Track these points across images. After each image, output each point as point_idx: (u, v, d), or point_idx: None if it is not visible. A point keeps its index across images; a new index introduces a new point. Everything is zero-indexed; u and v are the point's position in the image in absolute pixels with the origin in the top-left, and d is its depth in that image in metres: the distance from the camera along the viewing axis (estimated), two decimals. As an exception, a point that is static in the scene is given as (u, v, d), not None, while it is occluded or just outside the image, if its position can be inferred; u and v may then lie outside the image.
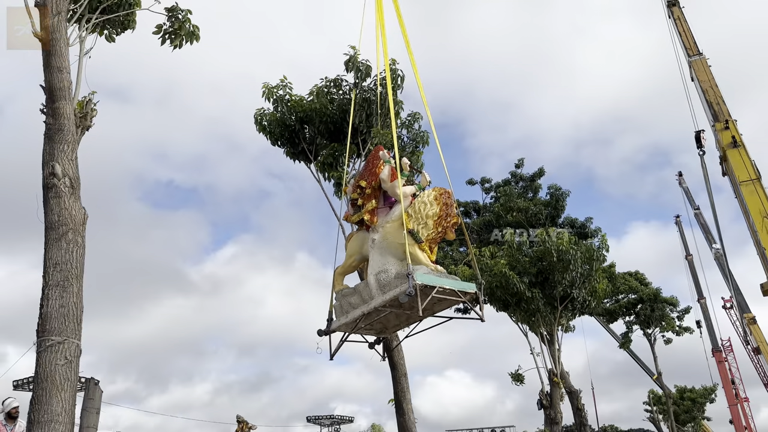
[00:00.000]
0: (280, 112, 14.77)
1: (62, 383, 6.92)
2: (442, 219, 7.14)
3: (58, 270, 7.43)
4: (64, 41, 8.35)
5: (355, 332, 8.15)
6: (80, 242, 7.77)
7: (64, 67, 8.30)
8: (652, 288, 37.35)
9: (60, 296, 7.30)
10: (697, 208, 42.62)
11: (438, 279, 6.86)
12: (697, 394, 48.47)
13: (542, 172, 27.62)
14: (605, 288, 20.83)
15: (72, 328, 7.24)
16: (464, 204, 29.47)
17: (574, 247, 19.13)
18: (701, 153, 27.85)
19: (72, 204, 7.86)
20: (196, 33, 10.30)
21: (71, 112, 8.32)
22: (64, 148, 8.10)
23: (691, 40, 29.61)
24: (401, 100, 14.09)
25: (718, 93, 26.27)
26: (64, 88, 8.26)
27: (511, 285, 19.10)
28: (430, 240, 7.18)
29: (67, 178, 7.94)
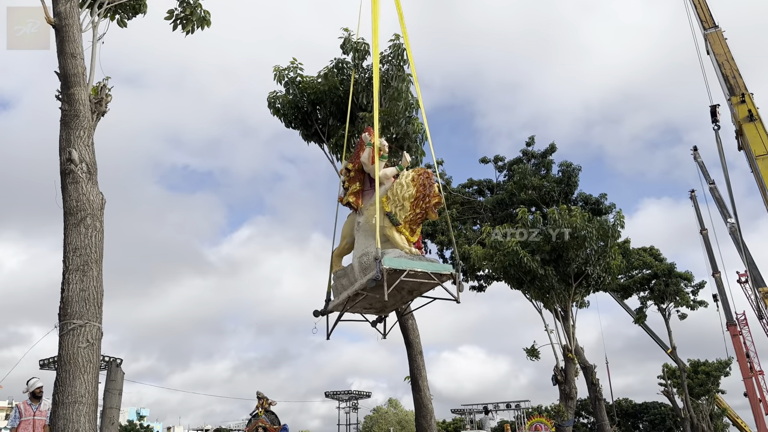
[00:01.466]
0: (292, 95, 14.75)
1: (85, 365, 7.07)
2: (420, 200, 7.08)
3: (78, 255, 7.55)
4: (77, 27, 8.38)
5: (354, 312, 8.25)
6: (99, 227, 7.88)
7: (78, 53, 8.35)
8: (666, 263, 37.21)
9: (80, 280, 7.43)
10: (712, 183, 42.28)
11: (408, 262, 6.78)
12: (712, 367, 48.51)
13: (553, 148, 27.43)
14: (620, 264, 20.75)
15: (93, 312, 7.38)
16: (477, 182, 29.41)
17: (588, 224, 19.04)
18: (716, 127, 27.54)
19: (90, 189, 7.95)
20: (208, 18, 10.29)
21: (86, 97, 8.38)
22: (80, 133, 8.17)
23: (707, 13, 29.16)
24: (409, 74, 13.98)
25: (734, 66, 25.90)
26: (78, 74, 8.31)
27: (524, 263, 19.11)
28: (410, 221, 7.15)
29: (84, 164, 8.02)
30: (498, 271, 20.56)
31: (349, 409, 63.14)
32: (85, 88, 8.41)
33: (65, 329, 7.20)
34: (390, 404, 75.06)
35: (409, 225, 7.16)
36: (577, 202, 26.49)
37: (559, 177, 26.43)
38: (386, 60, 13.92)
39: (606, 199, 25.42)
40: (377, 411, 73.24)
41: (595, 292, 21.89)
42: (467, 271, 27.73)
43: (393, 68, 13.72)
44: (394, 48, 13.83)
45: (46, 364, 33.93)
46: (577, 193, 26.62)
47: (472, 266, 26.05)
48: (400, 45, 13.83)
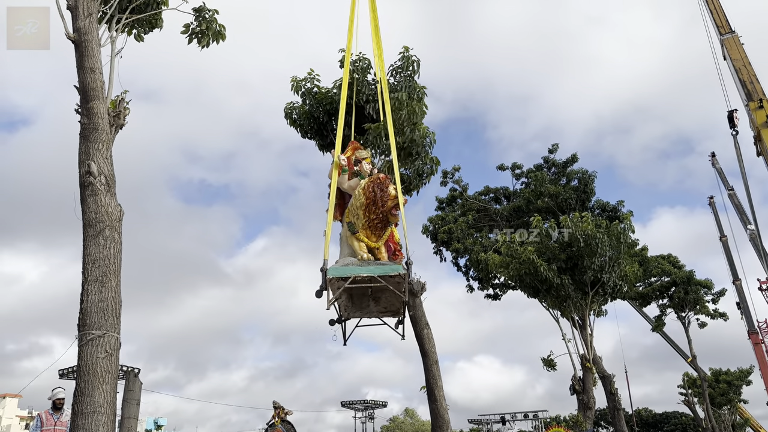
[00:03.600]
0: (309, 105, 14.86)
1: (103, 375, 7.16)
2: (372, 206, 7.26)
3: (97, 266, 7.66)
4: (95, 42, 8.54)
5: (370, 317, 8.45)
6: (117, 238, 7.99)
7: (97, 68, 8.50)
8: (685, 270, 36.78)
9: (99, 291, 7.54)
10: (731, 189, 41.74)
11: (354, 269, 6.96)
12: (733, 376, 47.74)
13: (575, 158, 27.28)
14: (636, 271, 20.56)
15: (111, 322, 7.48)
16: (494, 190, 29.35)
17: (600, 231, 18.93)
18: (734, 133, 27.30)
19: (108, 201, 8.08)
20: (223, 33, 10.45)
21: (105, 111, 8.53)
22: (99, 146, 8.31)
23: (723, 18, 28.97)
24: (423, 86, 14.03)
25: (751, 71, 25.67)
26: (97, 88, 8.47)
27: (540, 272, 19.02)
28: (367, 228, 7.34)
29: (103, 176, 8.15)
30: (514, 279, 20.48)
31: (365, 419, 62.97)
32: (104, 101, 8.56)
33: (84, 339, 7.30)
34: (406, 414, 74.76)
35: (369, 231, 7.33)
36: (594, 210, 26.33)
37: (575, 185, 26.30)
38: (396, 72, 14.00)
39: (623, 206, 25.26)
40: (393, 421, 72.95)
41: (612, 300, 21.69)
42: (483, 279, 27.66)
43: (403, 79, 13.78)
44: (403, 60, 13.91)
45: (66, 374, 34.24)
46: (594, 200, 26.47)
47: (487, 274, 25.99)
48: (410, 57, 13.90)
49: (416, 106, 13.86)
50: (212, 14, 10.30)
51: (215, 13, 10.30)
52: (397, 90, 13.78)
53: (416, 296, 13.95)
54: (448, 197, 29.18)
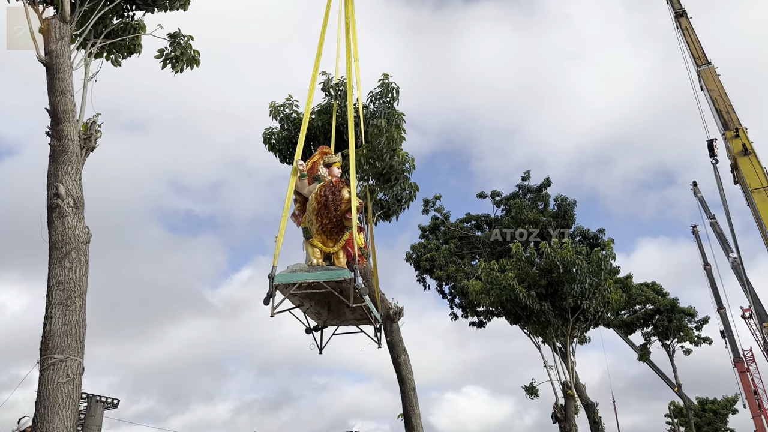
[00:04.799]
0: (287, 130, 14.94)
1: (64, 401, 7.03)
2: (324, 210, 7.19)
3: (61, 289, 7.57)
4: (67, 65, 8.58)
5: (347, 324, 8.38)
6: (83, 261, 7.92)
7: (68, 90, 8.52)
8: (669, 298, 36.95)
9: (63, 314, 7.44)
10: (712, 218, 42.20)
11: (302, 275, 6.88)
12: (719, 405, 47.62)
13: (548, 182, 27.54)
14: (618, 298, 20.60)
15: (74, 346, 7.37)
16: (475, 217, 29.46)
17: (579, 256, 19.00)
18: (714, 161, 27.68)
19: (75, 223, 8.03)
20: (197, 58, 10.53)
21: (75, 133, 8.53)
22: (68, 169, 8.29)
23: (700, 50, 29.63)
24: (402, 113, 14.17)
25: (727, 101, 26.18)
26: (68, 110, 8.48)
27: (520, 298, 19.01)
28: (322, 233, 7.28)
29: (71, 199, 8.11)
30: (495, 305, 20.44)
31: (351, 450, 61.94)
32: (75, 124, 8.56)
33: (45, 364, 7.17)
34: (393, 444, 73.76)
35: (325, 236, 7.27)
36: (575, 237, 26.47)
37: (555, 211, 26.49)
38: (376, 98, 14.14)
39: (604, 233, 25.42)
40: (380, 451, 71.85)
41: (594, 327, 21.66)
42: (467, 307, 27.61)
43: (382, 106, 13.91)
44: (383, 87, 14.06)
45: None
46: (575, 227, 26.64)
47: (471, 302, 25.94)
48: (389, 83, 14.06)
49: (395, 132, 13.97)
50: (187, 40, 10.39)
51: (190, 38, 10.39)
52: (376, 117, 13.90)
53: (393, 321, 13.88)
54: (430, 225, 29.25)
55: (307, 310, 7.99)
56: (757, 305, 35.43)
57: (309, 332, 8.17)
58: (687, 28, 31.04)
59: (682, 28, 31.22)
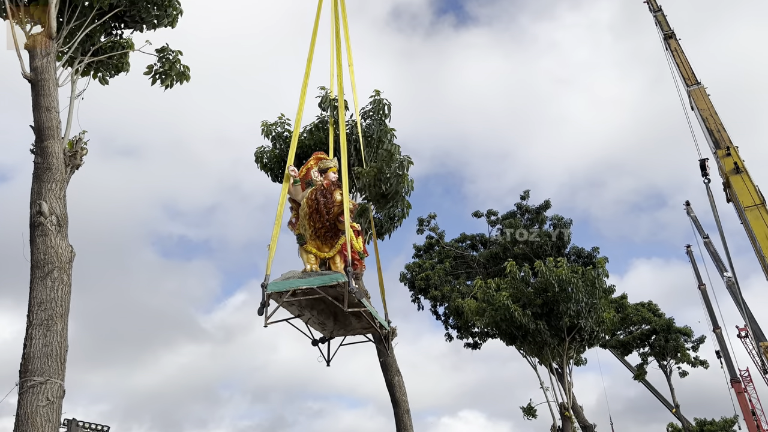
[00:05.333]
0: (279, 149, 14.84)
1: (43, 425, 6.77)
2: (315, 216, 7.05)
3: (43, 309, 7.36)
4: (52, 82, 8.46)
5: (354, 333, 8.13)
6: (66, 280, 7.71)
7: (53, 107, 8.40)
8: (665, 318, 36.75)
9: (44, 335, 7.22)
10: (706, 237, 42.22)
11: (294, 281, 6.69)
12: (718, 426, 47.12)
13: (548, 204, 27.48)
14: (612, 317, 20.43)
15: (55, 368, 7.13)
16: (470, 237, 29.33)
17: (574, 275, 18.87)
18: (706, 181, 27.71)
19: (58, 242, 7.83)
20: (187, 73, 10.45)
21: (60, 150, 8.38)
22: (52, 186, 8.12)
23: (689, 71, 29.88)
24: (393, 128, 14.11)
25: (717, 120, 26.31)
26: (53, 127, 8.34)
27: (515, 318, 18.82)
28: (316, 237, 7.12)
29: (54, 216, 7.93)
30: (490, 326, 20.23)
31: (346, 476, 60.95)
32: (59, 141, 8.42)
33: (25, 386, 6.93)
34: (389, 469, 72.72)
35: (320, 242, 7.10)
36: (570, 256, 26.34)
37: (550, 231, 26.39)
38: (367, 115, 14.08)
39: (598, 252, 25.30)
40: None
41: (590, 347, 21.45)
42: (462, 328, 27.33)
43: (375, 123, 13.85)
44: (375, 103, 14.02)
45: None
46: (570, 247, 26.52)
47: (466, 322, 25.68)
48: (381, 100, 14.02)
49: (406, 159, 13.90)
50: (176, 55, 10.31)
51: (179, 54, 10.31)
52: (369, 134, 13.83)
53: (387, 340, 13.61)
54: (425, 245, 29.08)
55: (309, 320, 7.73)
56: (753, 325, 35.30)
57: (315, 344, 7.89)
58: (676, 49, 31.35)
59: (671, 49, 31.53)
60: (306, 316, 7.55)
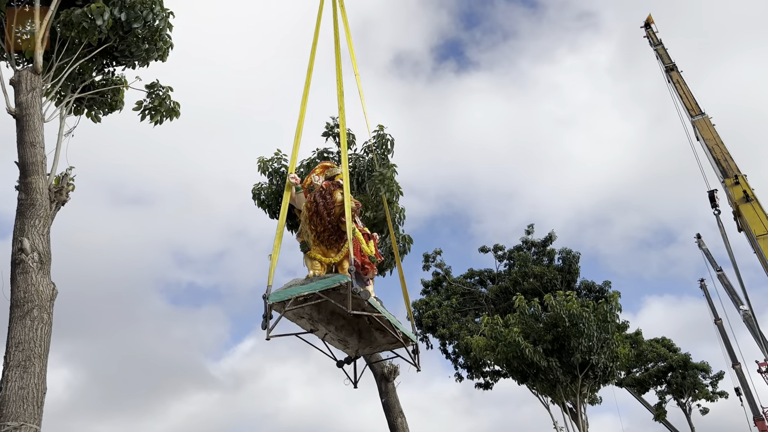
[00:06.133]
0: (276, 185, 14.64)
1: (17, 473, 6.38)
2: (315, 219, 6.62)
3: (20, 350, 7.03)
4: (37, 117, 8.32)
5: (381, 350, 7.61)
6: (46, 319, 7.40)
7: (38, 142, 8.23)
8: (681, 354, 35.82)
9: (20, 378, 6.87)
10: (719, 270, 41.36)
11: (296, 289, 6.23)
12: (742, 466, 45.41)
13: (552, 237, 27.12)
14: (628, 353, 19.77)
15: (31, 412, 6.76)
16: (478, 272, 28.90)
17: (586, 309, 18.33)
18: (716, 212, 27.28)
19: (40, 279, 7.55)
20: (176, 110, 10.33)
21: (44, 186, 8.18)
22: (35, 222, 7.89)
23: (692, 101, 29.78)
24: (394, 164, 13.89)
25: (724, 149, 26.03)
26: (37, 162, 8.16)
27: (526, 355, 18.24)
28: (319, 242, 6.69)
29: (36, 253, 7.67)
30: (500, 363, 19.61)
31: None
32: (44, 177, 8.23)
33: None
34: None
35: (324, 247, 6.68)
36: (580, 291, 25.80)
37: (560, 265, 25.93)
38: (370, 150, 13.91)
39: (609, 286, 24.78)
40: None
41: (604, 384, 20.70)
42: (472, 367, 26.63)
43: (377, 157, 13.66)
44: (378, 138, 13.86)
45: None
46: (580, 281, 26.03)
47: (476, 360, 25.03)
48: (384, 135, 13.86)
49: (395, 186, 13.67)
50: (165, 91, 10.21)
51: (169, 90, 10.21)
52: (370, 169, 13.64)
53: (388, 380, 13.14)
54: (432, 281, 28.65)
55: (327, 336, 7.14)
56: (773, 358, 34.29)
57: (340, 366, 7.35)
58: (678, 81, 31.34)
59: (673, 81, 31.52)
60: (321, 331, 6.99)
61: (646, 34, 34.05)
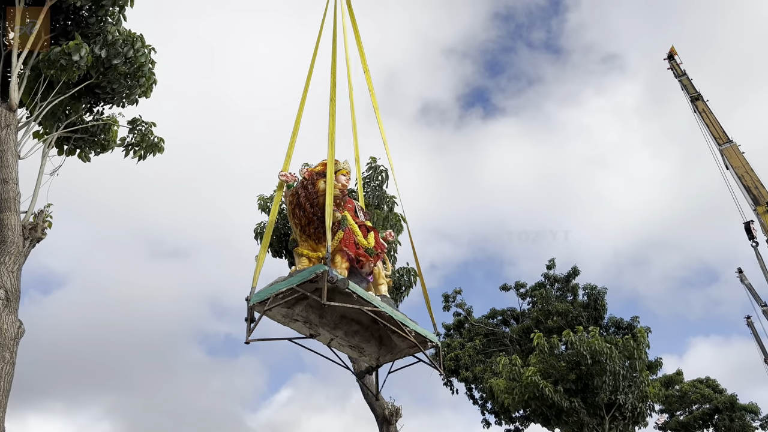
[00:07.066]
0: (277, 222, 14.46)
1: None
2: (297, 211, 6.13)
3: (-21, 389, 6.81)
4: (11, 153, 8.31)
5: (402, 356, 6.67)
6: (8, 358, 7.18)
7: (11, 179, 8.20)
8: (727, 395, 33.88)
9: (-24, 418, 6.62)
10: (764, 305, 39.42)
11: (276, 286, 5.72)
12: None
13: (576, 271, 26.16)
14: (658, 392, 18.62)
15: (-16, 455, 6.48)
16: (501, 312, 28.01)
17: (608, 345, 17.39)
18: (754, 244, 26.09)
19: (5, 318, 7.37)
20: (160, 145, 10.28)
21: (17, 223, 8.09)
22: (5, 260, 7.77)
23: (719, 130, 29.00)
24: (393, 196, 13.63)
25: (754, 177, 25.07)
26: (10, 199, 8.10)
27: (546, 395, 17.30)
28: (306, 236, 6.17)
29: (3, 290, 7.52)
30: (519, 404, 18.67)
31: None
32: (17, 213, 8.16)
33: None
34: None
35: (313, 241, 6.16)
36: (608, 328, 24.72)
37: (585, 301, 24.96)
38: (365, 182, 13.69)
39: (638, 322, 23.64)
40: None
41: (635, 425, 19.49)
42: (500, 411, 25.55)
43: (371, 190, 13.43)
44: (371, 170, 13.65)
45: None
46: (608, 317, 24.96)
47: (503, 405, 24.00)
48: (378, 167, 13.65)
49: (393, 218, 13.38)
50: (148, 127, 10.18)
51: (152, 125, 10.18)
52: (366, 202, 13.38)
53: (390, 423, 12.48)
54: (454, 323, 27.87)
55: (333, 342, 6.44)
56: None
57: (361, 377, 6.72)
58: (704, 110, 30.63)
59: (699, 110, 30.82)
60: (325, 336, 6.35)
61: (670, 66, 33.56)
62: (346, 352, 6.54)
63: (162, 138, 10.27)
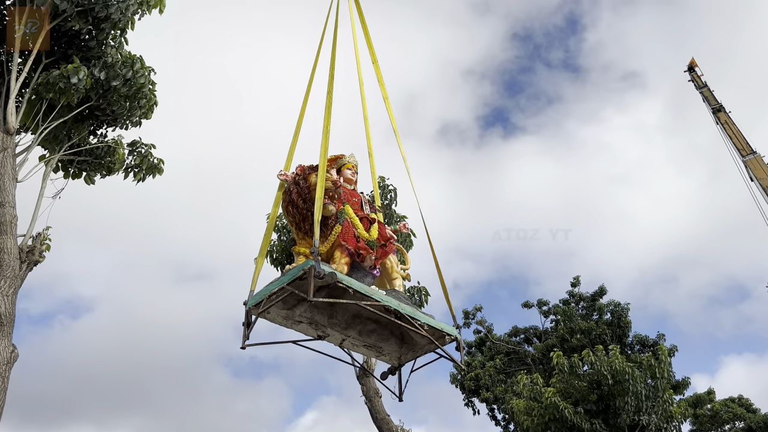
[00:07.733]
0: (285, 240, 14.37)
1: None
2: (289, 208, 5.87)
3: (-32, 415, 6.72)
4: (8, 176, 8.32)
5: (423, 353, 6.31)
6: (0, 384, 7.10)
7: (7, 202, 8.19)
8: (761, 414, 32.66)
9: (-36, 445, 6.52)
10: (799, 319, 38.20)
11: (266, 288, 5.47)
12: None
13: (603, 290, 25.50)
14: (684, 411, 17.92)
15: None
16: (524, 330, 27.46)
17: (629, 364, 16.81)
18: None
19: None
20: (160, 167, 10.25)
21: (13, 246, 8.06)
22: (1, 283, 7.73)
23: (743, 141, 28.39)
24: (404, 216, 13.41)
25: (781, 188, 24.39)
26: (6, 222, 8.09)
27: (566, 417, 16.76)
28: (302, 233, 5.89)
29: (-3, 314, 7.47)
30: (540, 426, 18.12)
31: None
32: (13, 236, 8.14)
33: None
34: None
35: (306, 237, 5.86)
36: (633, 346, 24.04)
37: (609, 319, 24.32)
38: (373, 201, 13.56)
39: (664, 339, 22.93)
40: None
41: (660, 447, 18.79)
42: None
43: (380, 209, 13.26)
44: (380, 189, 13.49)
45: None
46: (632, 335, 24.27)
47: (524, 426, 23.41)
48: (387, 186, 13.48)
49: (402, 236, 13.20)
50: (148, 149, 10.16)
51: (152, 147, 10.16)
52: None
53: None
54: (476, 341, 27.38)
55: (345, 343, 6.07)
56: None
57: (385, 378, 6.40)
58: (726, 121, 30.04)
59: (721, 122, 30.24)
60: (336, 337, 5.99)
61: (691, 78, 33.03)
62: (361, 352, 6.20)
63: (162, 159, 10.28)
